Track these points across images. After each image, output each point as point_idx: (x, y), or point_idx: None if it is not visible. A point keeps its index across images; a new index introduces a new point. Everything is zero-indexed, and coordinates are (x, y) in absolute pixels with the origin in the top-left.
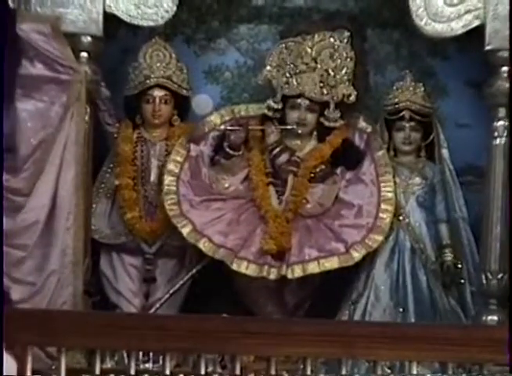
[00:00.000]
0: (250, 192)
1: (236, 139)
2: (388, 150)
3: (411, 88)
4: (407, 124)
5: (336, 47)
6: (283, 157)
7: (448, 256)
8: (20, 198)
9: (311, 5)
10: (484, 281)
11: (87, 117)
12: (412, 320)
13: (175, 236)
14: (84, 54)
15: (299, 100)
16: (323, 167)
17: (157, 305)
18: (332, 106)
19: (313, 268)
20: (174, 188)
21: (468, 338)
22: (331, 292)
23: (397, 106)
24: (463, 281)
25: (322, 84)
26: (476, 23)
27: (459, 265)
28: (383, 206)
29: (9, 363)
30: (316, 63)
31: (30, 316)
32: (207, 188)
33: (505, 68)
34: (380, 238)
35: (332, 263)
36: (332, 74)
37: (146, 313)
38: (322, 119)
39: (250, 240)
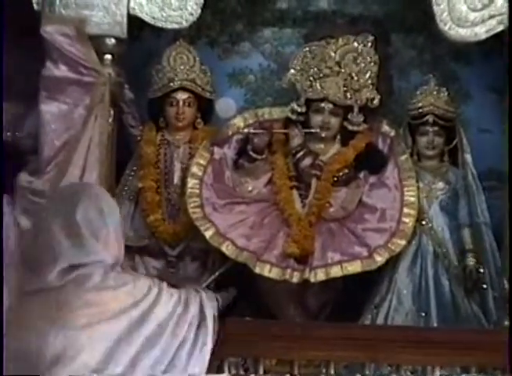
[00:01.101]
0: (274, 195)
1: (260, 142)
2: (411, 155)
3: (435, 93)
4: (431, 129)
5: (360, 51)
6: (307, 161)
7: (471, 261)
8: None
9: (336, 9)
10: (506, 286)
11: (110, 120)
12: (435, 325)
13: (198, 238)
14: (108, 56)
15: (323, 104)
16: (347, 171)
17: None
18: (355, 110)
19: (336, 272)
20: (197, 191)
21: (490, 342)
22: (354, 296)
23: (420, 110)
24: (485, 286)
25: (345, 88)
26: (500, 27)
27: (482, 270)
28: (406, 210)
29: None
30: (340, 66)
31: None
32: (231, 191)
33: None
34: (403, 242)
35: (355, 267)
36: (356, 78)
37: None
38: (345, 123)
39: (273, 244)
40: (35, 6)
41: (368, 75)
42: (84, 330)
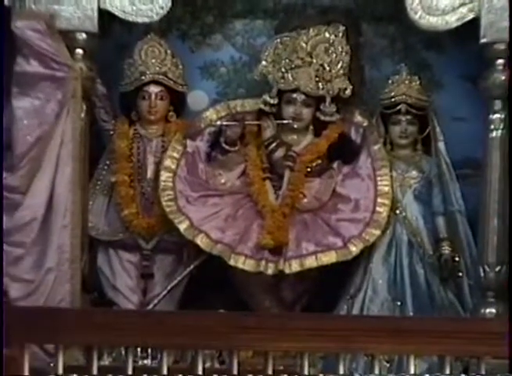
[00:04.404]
0: (247, 187)
1: (232, 134)
2: (385, 144)
3: (407, 82)
4: (403, 118)
5: (331, 41)
6: (280, 152)
7: (446, 249)
8: (17, 196)
9: (306, 0)
10: (481, 274)
11: (83, 114)
12: (411, 314)
13: (172, 232)
14: (79, 51)
15: (295, 95)
16: (320, 161)
17: (155, 302)
18: (328, 100)
19: (311, 262)
20: (170, 184)
21: (466, 331)
22: (329, 287)
23: (393, 99)
24: (460, 274)
25: (317, 79)
26: (471, 15)
27: (457, 259)
28: (379, 200)
29: None
30: (312, 57)
31: (28, 314)
32: (204, 184)
33: (500, 61)
34: (377, 232)
35: (329, 258)
36: (327, 68)
37: (143, 310)
38: (318, 113)
39: (247, 235)
40: (6, 1)
41: (340, 65)
42: None
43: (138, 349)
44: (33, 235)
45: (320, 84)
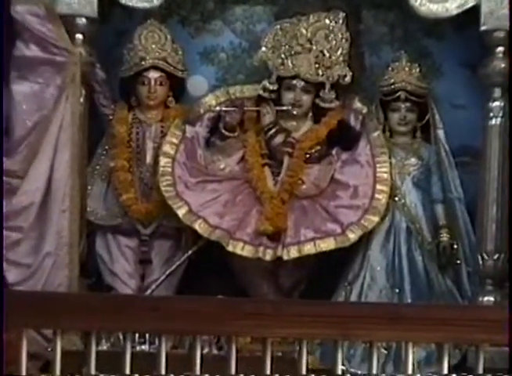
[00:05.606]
0: (246, 173)
1: (232, 120)
2: (384, 131)
3: (406, 69)
4: (402, 105)
5: (331, 28)
6: (279, 138)
7: (445, 237)
8: (16, 180)
9: None
10: (480, 262)
11: (82, 99)
12: (409, 301)
13: (171, 217)
14: (79, 36)
15: (294, 81)
16: (319, 148)
17: (153, 287)
18: (327, 87)
19: (309, 249)
20: (169, 169)
21: (464, 318)
22: (327, 273)
23: (392, 86)
24: (459, 262)
25: (317, 66)
26: (471, 3)
27: (455, 246)
28: (378, 187)
29: None
30: (311, 44)
31: (25, 298)
32: (203, 169)
33: (500, 48)
34: (375, 219)
35: (328, 244)
36: (327, 54)
37: (141, 295)
38: (317, 100)
39: (245, 221)
40: None
41: (339, 52)
42: None
43: (136, 335)
44: (31, 219)
45: (320, 70)
